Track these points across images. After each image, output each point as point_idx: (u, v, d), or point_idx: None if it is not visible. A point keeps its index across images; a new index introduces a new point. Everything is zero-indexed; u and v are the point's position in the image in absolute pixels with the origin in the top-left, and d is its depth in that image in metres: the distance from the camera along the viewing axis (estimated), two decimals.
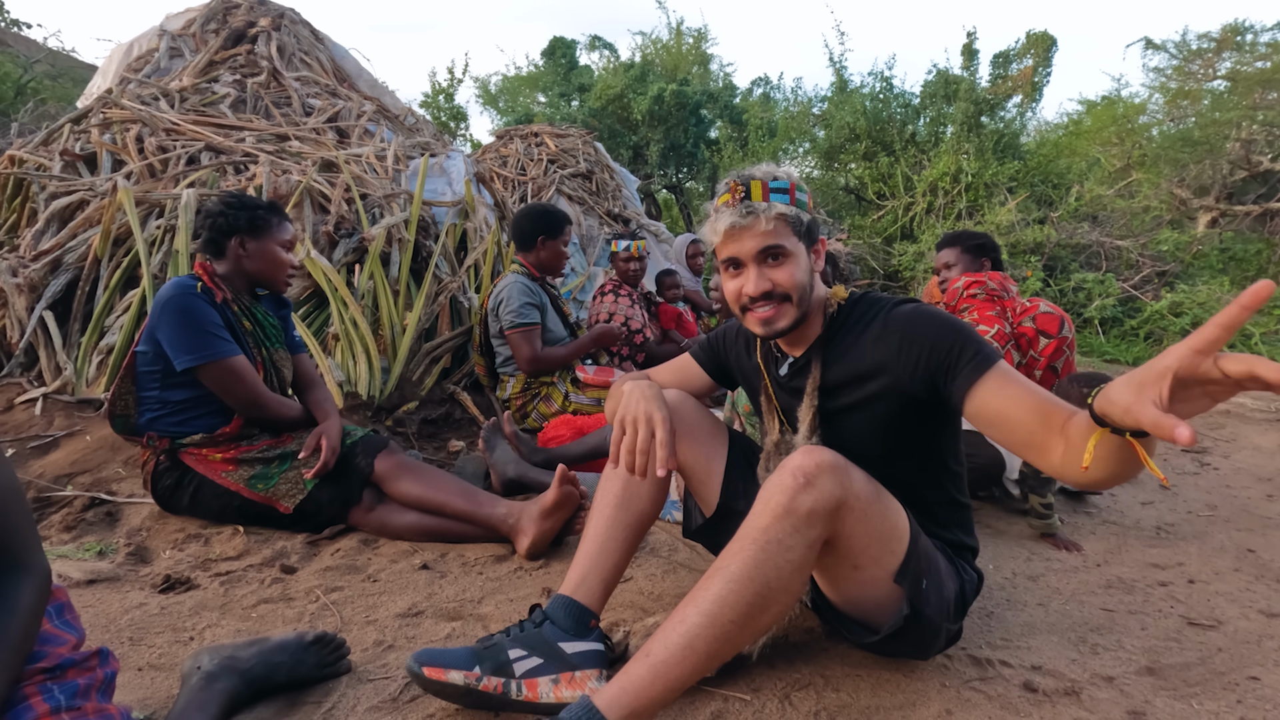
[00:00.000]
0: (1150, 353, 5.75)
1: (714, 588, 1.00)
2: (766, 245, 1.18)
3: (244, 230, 1.94)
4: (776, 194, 1.18)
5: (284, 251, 2.00)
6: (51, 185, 3.34)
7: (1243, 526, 2.16)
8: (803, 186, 1.24)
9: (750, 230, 1.18)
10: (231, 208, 1.95)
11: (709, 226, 1.24)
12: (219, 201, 1.97)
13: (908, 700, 1.21)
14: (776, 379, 1.36)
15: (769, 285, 1.19)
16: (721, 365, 1.50)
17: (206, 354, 1.82)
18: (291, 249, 2.05)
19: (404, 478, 1.88)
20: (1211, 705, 1.23)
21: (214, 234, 1.94)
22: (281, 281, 2.03)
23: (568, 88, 12.42)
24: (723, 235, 1.21)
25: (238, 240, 1.94)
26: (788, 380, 1.33)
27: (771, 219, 1.17)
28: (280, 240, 1.99)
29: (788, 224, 1.19)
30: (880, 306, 1.23)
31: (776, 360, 1.36)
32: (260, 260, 1.97)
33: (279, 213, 2.02)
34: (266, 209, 1.99)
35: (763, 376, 1.39)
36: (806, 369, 1.28)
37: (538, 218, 2.94)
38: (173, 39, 4.64)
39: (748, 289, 1.20)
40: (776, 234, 1.18)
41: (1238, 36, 8.77)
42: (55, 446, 2.38)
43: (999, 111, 8.64)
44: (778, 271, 1.19)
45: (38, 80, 9.86)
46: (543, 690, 1.14)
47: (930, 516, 1.26)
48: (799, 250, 1.21)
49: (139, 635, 1.39)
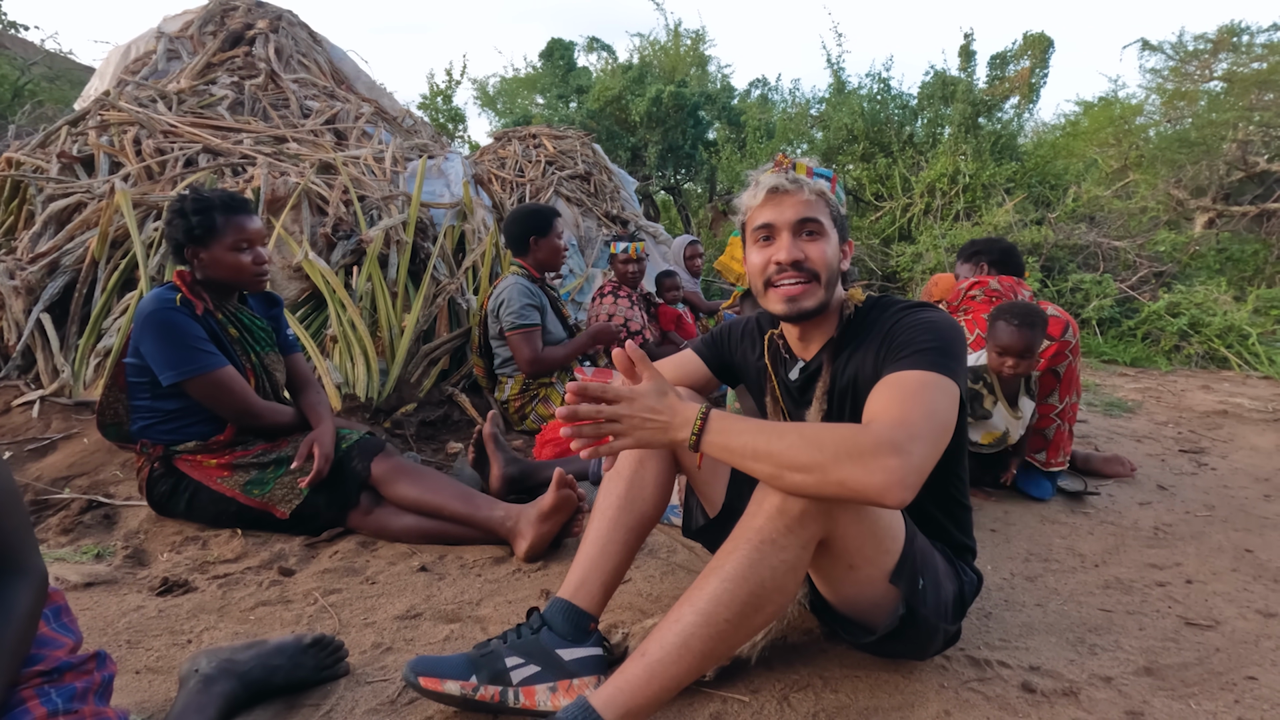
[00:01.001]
0: (1148, 353, 5.76)
1: (709, 587, 1.00)
2: (805, 216, 1.19)
3: (189, 241, 1.83)
4: (819, 178, 1.22)
5: (240, 253, 1.85)
6: (49, 187, 3.33)
7: (1240, 527, 2.16)
8: (842, 185, 1.26)
9: (792, 197, 1.19)
10: (175, 216, 1.83)
11: (748, 193, 1.25)
12: (168, 209, 1.86)
13: (906, 701, 1.21)
14: (785, 382, 1.35)
15: (801, 256, 1.19)
16: (725, 362, 1.49)
17: (190, 369, 1.78)
18: (253, 244, 1.88)
19: (401, 480, 1.87)
20: (1209, 705, 1.23)
21: (171, 245, 1.86)
22: (249, 283, 1.90)
23: (566, 89, 12.42)
24: (763, 198, 1.21)
25: (190, 251, 1.84)
26: (797, 387, 1.33)
27: (814, 192, 1.20)
28: (233, 241, 1.84)
29: (826, 205, 1.22)
30: (891, 310, 1.23)
31: (785, 363, 1.35)
32: (216, 268, 1.85)
33: (227, 209, 1.85)
34: (206, 212, 1.82)
35: (770, 378, 1.38)
36: (817, 374, 1.28)
37: (525, 219, 2.95)
38: (170, 41, 4.63)
39: (779, 256, 1.19)
40: (815, 208, 1.20)
41: (1234, 38, 8.80)
42: (52, 449, 2.38)
43: (996, 113, 8.65)
44: (811, 246, 1.20)
45: (35, 82, 9.84)
46: (540, 698, 1.14)
47: (931, 518, 1.26)
48: (833, 234, 1.22)
49: (137, 638, 1.39)
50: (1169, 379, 5.02)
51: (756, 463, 0.99)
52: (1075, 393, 2.41)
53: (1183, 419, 3.74)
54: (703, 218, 11.71)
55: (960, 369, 1.11)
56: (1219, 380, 4.96)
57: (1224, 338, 5.57)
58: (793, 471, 0.96)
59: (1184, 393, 4.47)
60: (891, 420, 0.99)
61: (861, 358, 1.21)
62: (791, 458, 0.96)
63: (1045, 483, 2.37)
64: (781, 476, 0.97)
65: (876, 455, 0.92)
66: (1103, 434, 3.32)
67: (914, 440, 0.95)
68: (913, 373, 1.07)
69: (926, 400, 1.03)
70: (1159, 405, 4.10)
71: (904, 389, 1.05)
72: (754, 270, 1.25)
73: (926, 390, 1.04)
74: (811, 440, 0.96)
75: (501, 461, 2.15)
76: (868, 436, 0.95)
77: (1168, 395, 4.39)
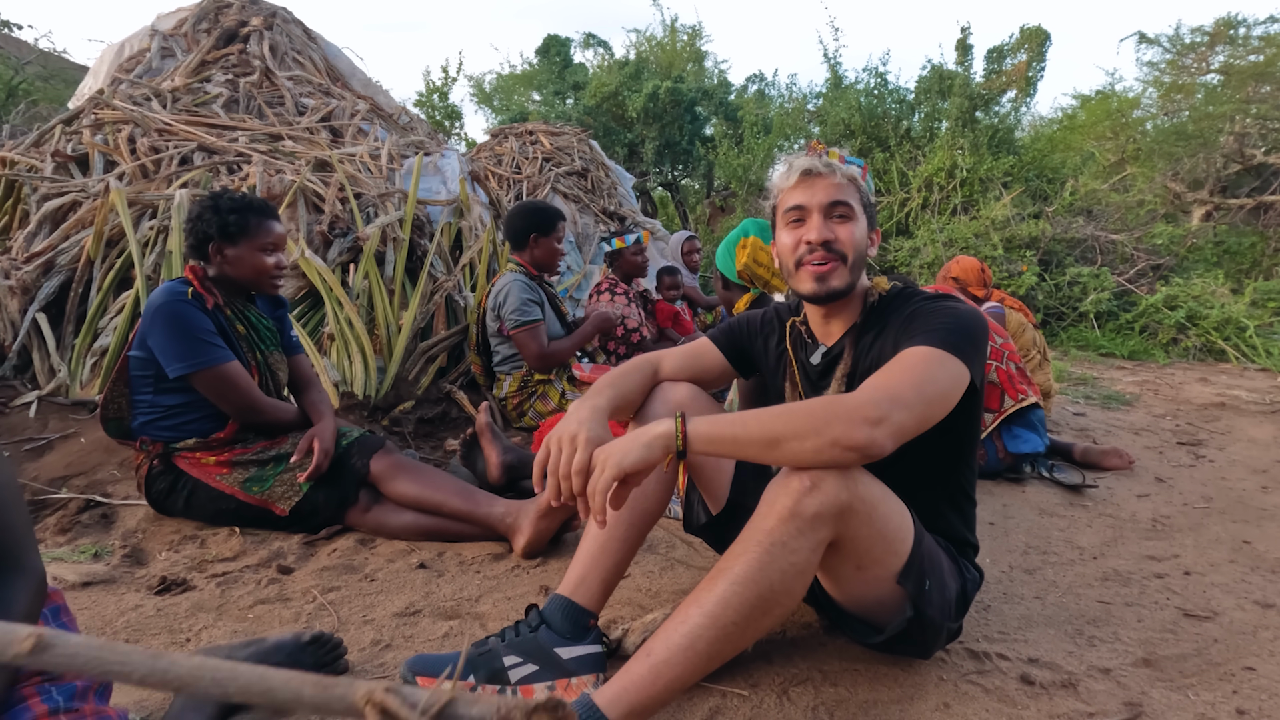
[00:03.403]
0: (1146, 346, 5.77)
1: (717, 589, 1.00)
2: (836, 198, 1.22)
3: (219, 236, 1.86)
4: (851, 165, 1.26)
5: (265, 255, 1.91)
6: (43, 187, 3.32)
7: (1238, 518, 2.17)
8: (871, 174, 1.29)
9: (824, 180, 1.22)
10: (208, 211, 1.87)
11: (780, 175, 1.28)
12: (198, 204, 1.90)
13: (905, 694, 1.21)
14: (805, 366, 1.36)
15: (831, 236, 1.21)
16: (743, 351, 1.47)
17: (199, 361, 1.79)
18: (278, 249, 1.95)
19: (400, 477, 1.87)
20: (1207, 696, 1.23)
21: (195, 239, 1.88)
22: (266, 286, 1.95)
23: (562, 86, 12.39)
24: (796, 179, 1.24)
25: (215, 246, 1.87)
26: (818, 371, 1.33)
27: (845, 177, 1.23)
28: (261, 243, 1.90)
29: (857, 190, 1.24)
30: (913, 299, 1.24)
31: (807, 347, 1.36)
32: (239, 266, 1.89)
33: (261, 212, 1.92)
34: (243, 211, 1.88)
35: (790, 363, 1.38)
36: (839, 359, 1.29)
37: (529, 215, 2.93)
38: (164, 39, 4.61)
39: (809, 235, 1.22)
40: (846, 191, 1.23)
41: (1231, 30, 8.80)
42: (50, 449, 2.37)
43: (993, 106, 8.65)
44: (841, 228, 1.22)
45: (29, 81, 9.80)
46: (538, 698, 1.13)
47: (938, 511, 1.26)
48: (862, 219, 1.25)
49: (135, 637, 1.39)
50: (1167, 372, 5.03)
51: (750, 444, 1.00)
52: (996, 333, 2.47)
53: (1180, 411, 3.75)
54: (700, 213, 11.71)
55: (974, 354, 1.12)
56: (1216, 372, 4.97)
57: (1221, 330, 5.59)
58: (787, 440, 0.98)
59: (1182, 385, 4.48)
60: (876, 384, 1.03)
61: (883, 344, 1.22)
62: (783, 428, 0.99)
63: (1027, 434, 2.38)
64: (779, 446, 0.99)
65: (857, 413, 0.97)
66: (1101, 427, 3.33)
67: (895, 402, 0.99)
68: (918, 348, 1.09)
69: (921, 372, 1.05)
70: (1157, 398, 4.11)
71: (902, 361, 1.08)
72: (785, 250, 1.27)
73: (925, 364, 1.07)
74: (799, 411, 1.00)
75: (499, 450, 2.14)
76: (850, 400, 1.00)
77: (1165, 388, 4.40)
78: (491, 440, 2.16)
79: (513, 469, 2.15)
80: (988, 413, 2.38)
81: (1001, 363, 2.40)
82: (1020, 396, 2.39)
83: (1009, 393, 2.38)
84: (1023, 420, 2.40)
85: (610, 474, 1.00)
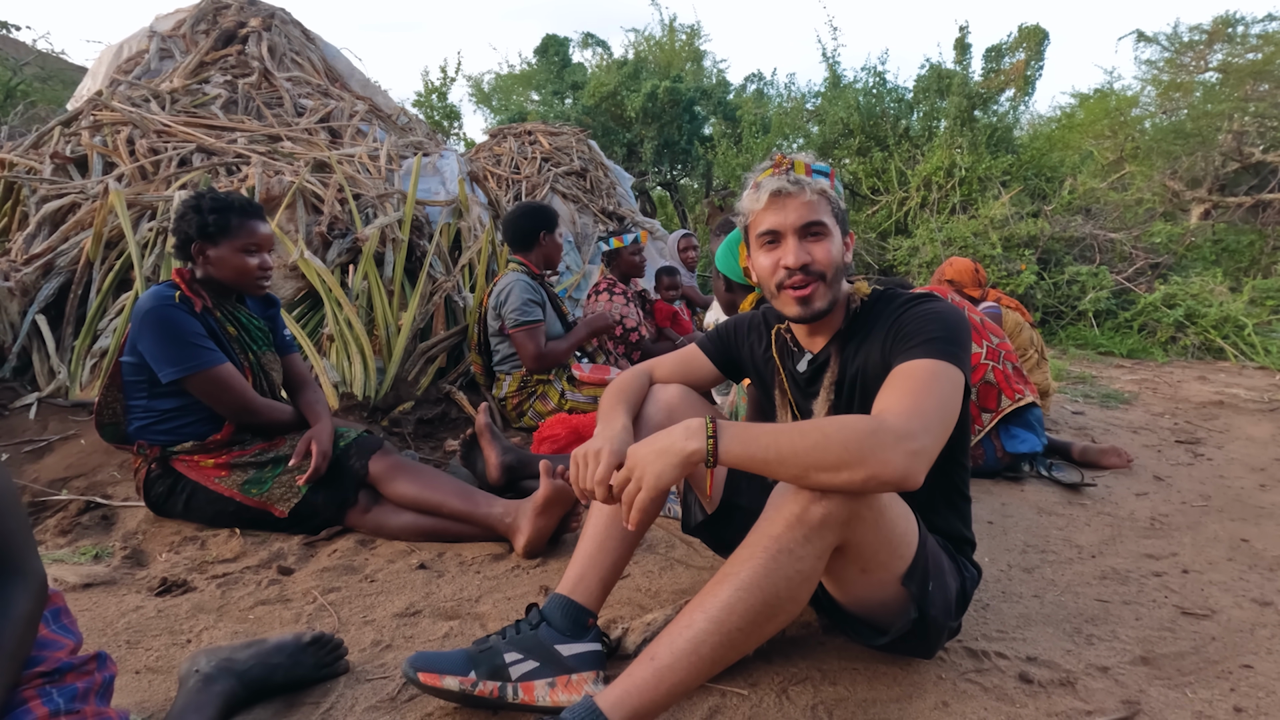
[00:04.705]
0: (1144, 345, 5.77)
1: (722, 594, 1.00)
2: (809, 220, 1.20)
3: (199, 237, 1.84)
4: (818, 175, 1.22)
5: (248, 255, 1.88)
6: (42, 188, 3.32)
7: (1236, 516, 2.17)
8: (840, 178, 1.27)
9: (794, 200, 1.20)
10: (190, 211, 1.84)
11: (749, 196, 1.25)
12: (181, 204, 1.88)
13: (904, 693, 1.21)
14: (793, 374, 1.36)
15: (808, 258, 1.20)
16: (731, 357, 1.49)
17: (190, 365, 1.78)
18: (261, 249, 1.91)
19: (399, 478, 1.87)
20: (1205, 694, 1.24)
21: (179, 240, 1.86)
22: (250, 286, 1.92)
23: (561, 86, 12.38)
24: (766, 203, 1.22)
25: (197, 247, 1.85)
26: (805, 379, 1.33)
27: (815, 192, 1.20)
28: (243, 243, 1.87)
29: (828, 203, 1.22)
30: (896, 302, 1.24)
31: (793, 355, 1.36)
32: (221, 267, 1.87)
33: (243, 212, 1.88)
34: (224, 211, 1.85)
35: (778, 371, 1.39)
36: (825, 366, 1.29)
37: (535, 214, 2.97)
38: (163, 40, 4.61)
39: (786, 260, 1.20)
40: (818, 209, 1.21)
41: (1229, 28, 8.81)
42: (49, 450, 2.37)
43: (992, 105, 8.64)
44: (816, 248, 1.21)
45: (27, 83, 9.80)
46: (539, 694, 1.14)
47: (935, 510, 1.27)
48: (836, 232, 1.23)
49: (136, 638, 1.39)
50: (1165, 370, 5.03)
51: (782, 466, 0.99)
52: (992, 333, 2.49)
53: (1179, 410, 3.75)
54: (699, 213, 11.71)
55: (964, 356, 1.13)
56: (1215, 371, 4.98)
57: (1220, 328, 5.59)
58: (821, 471, 0.96)
59: (1180, 384, 4.49)
60: (905, 410, 1.01)
61: (869, 349, 1.22)
62: (819, 458, 0.96)
63: (1024, 434, 2.39)
64: (808, 477, 0.98)
65: (897, 445, 0.95)
66: (1099, 425, 3.33)
67: (926, 430, 0.99)
68: (922, 362, 1.09)
69: (937, 390, 1.05)
70: (1155, 396, 4.11)
71: (915, 379, 1.07)
72: (763, 272, 1.25)
73: (936, 379, 1.07)
74: (834, 438, 0.97)
75: (498, 451, 2.15)
76: (887, 429, 0.97)
77: (1164, 386, 4.40)
78: (491, 441, 2.16)
79: (512, 469, 2.15)
80: (985, 412, 2.39)
81: (998, 363, 2.41)
82: (1017, 396, 2.39)
83: (1006, 393, 2.38)
84: (1020, 420, 2.41)
85: (648, 494, 1.02)
